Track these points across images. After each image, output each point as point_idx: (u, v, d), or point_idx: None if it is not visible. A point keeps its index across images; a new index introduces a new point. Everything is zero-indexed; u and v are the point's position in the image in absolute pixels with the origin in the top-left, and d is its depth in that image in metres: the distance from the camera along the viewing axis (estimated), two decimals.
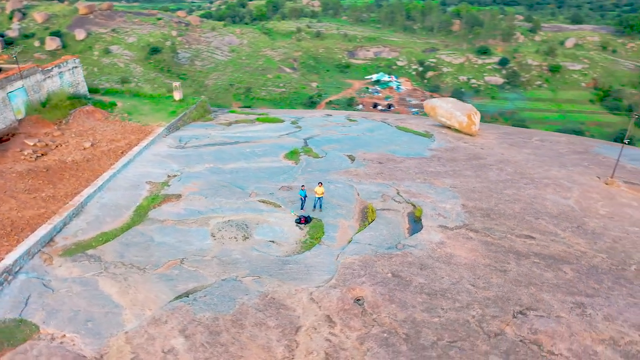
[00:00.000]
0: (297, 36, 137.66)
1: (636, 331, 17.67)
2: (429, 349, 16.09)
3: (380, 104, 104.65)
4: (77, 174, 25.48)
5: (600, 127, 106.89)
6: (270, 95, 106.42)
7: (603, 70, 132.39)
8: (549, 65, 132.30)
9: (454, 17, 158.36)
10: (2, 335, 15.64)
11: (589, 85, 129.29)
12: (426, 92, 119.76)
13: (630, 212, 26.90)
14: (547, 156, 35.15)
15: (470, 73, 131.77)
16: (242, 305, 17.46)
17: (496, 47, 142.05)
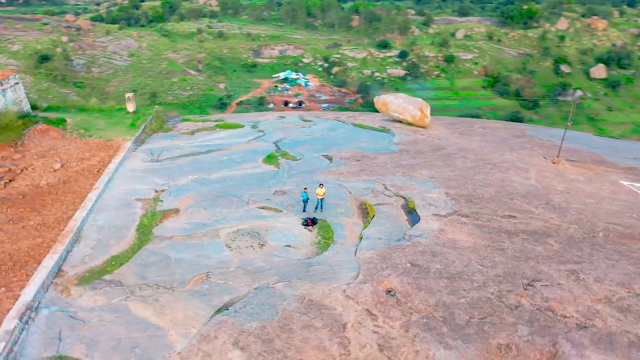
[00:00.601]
0: (198, 37, 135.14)
1: (622, 288, 20.42)
2: (466, 328, 17.58)
3: (291, 102, 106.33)
4: (60, 197, 24.03)
5: (494, 110, 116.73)
6: (177, 99, 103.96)
7: (491, 59, 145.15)
8: (444, 55, 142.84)
9: (352, 13, 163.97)
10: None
11: (480, 73, 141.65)
12: (334, 88, 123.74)
13: (581, 186, 30.48)
14: (495, 142, 38.44)
15: (374, 67, 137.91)
16: (284, 311, 17.85)
17: (395, 40, 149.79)
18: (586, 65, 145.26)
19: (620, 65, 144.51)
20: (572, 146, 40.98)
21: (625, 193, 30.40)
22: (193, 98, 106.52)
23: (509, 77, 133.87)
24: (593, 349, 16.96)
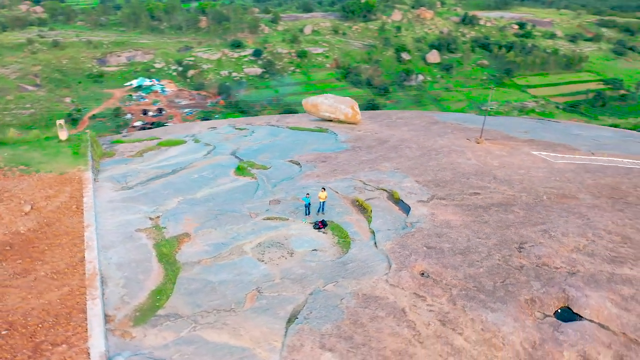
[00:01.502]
0: (29, 48, 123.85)
1: (582, 238, 25.35)
2: (496, 292, 20.77)
3: (149, 110, 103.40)
4: (54, 241, 22.17)
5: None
6: (17, 119, 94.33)
7: (340, 52, 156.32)
8: (297, 51, 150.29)
9: (199, 14, 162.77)
10: None
11: (332, 65, 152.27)
12: (192, 91, 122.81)
13: (509, 160, 35.93)
14: (420, 130, 42.86)
15: (230, 67, 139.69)
16: (348, 309, 19.33)
17: (247, 39, 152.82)
18: (422, 52, 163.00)
19: (450, 50, 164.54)
20: (474, 126, 47.21)
21: (541, 161, 36.55)
22: (36, 116, 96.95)
23: (358, 68, 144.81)
24: (588, 289, 21.20)
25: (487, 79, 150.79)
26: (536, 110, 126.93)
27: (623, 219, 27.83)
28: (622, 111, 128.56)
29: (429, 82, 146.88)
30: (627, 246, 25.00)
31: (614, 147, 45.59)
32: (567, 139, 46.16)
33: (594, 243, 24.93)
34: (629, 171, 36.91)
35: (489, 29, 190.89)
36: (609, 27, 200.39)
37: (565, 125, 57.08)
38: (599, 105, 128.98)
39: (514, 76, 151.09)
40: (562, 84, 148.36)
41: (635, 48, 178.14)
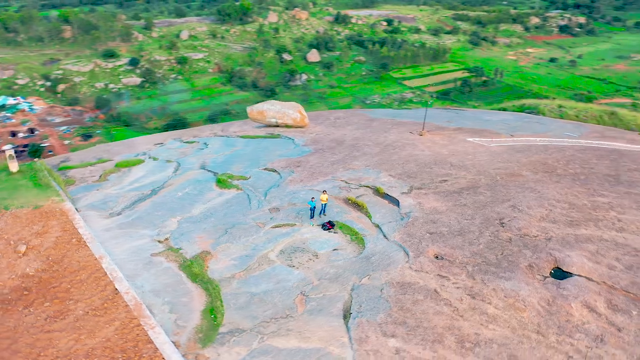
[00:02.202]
0: None
1: (542, 208, 29.68)
2: (501, 263, 23.95)
3: (19, 131, 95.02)
4: (74, 278, 21.03)
5: (239, 103, 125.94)
6: None
7: (221, 55, 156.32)
8: (176, 57, 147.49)
9: (62, 23, 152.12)
10: None
11: (215, 70, 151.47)
12: (66, 107, 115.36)
13: (454, 148, 40.01)
14: (366, 128, 45.65)
15: (106, 78, 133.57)
16: (390, 297, 21.19)
17: (120, 48, 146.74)
18: (302, 51, 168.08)
19: (328, 49, 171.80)
20: (405, 120, 51.27)
21: (479, 147, 41.19)
22: None
23: (242, 71, 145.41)
24: (566, 250, 25.26)
25: (366, 74, 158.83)
26: (414, 100, 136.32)
27: (563, 189, 32.85)
28: (486, 96, 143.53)
29: (313, 80, 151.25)
30: (575, 211, 29.76)
31: (522, 128, 52.39)
32: (484, 125, 52.00)
33: (552, 212, 29.31)
34: (545, 148, 42.99)
35: (360, 26, 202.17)
36: (464, 20, 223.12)
37: (474, 112, 63.77)
38: (466, 92, 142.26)
39: (389, 70, 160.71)
40: (432, 75, 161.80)
41: (487, 38, 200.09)
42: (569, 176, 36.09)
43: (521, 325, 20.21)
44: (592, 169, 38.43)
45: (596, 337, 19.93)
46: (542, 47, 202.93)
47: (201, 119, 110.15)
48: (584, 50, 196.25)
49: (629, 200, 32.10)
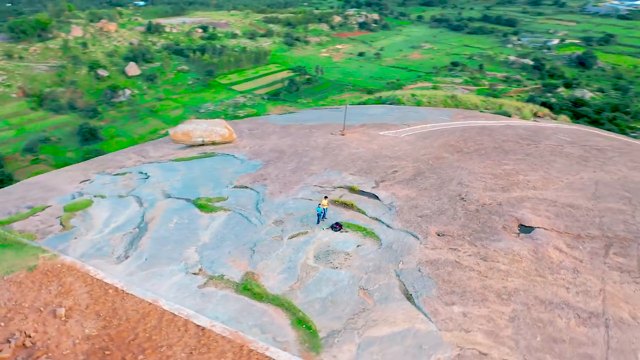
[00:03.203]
0: None
1: (479, 181, 36.23)
2: (485, 229, 29.30)
3: None
4: (144, 326, 20.12)
5: (59, 128, 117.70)
6: None
7: (23, 78, 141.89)
8: None
9: None
10: None
11: (19, 95, 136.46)
12: None
13: (379, 142, 45.01)
14: (290, 135, 48.04)
15: None
16: (430, 274, 24.87)
17: None
18: (119, 65, 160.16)
19: (146, 60, 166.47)
20: (316, 123, 54.95)
21: (395, 139, 46.89)
22: None
23: (53, 93, 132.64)
24: (518, 210, 31.81)
25: (193, 83, 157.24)
26: (247, 104, 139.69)
27: (479, 164, 40.08)
28: (312, 92, 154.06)
29: (138, 94, 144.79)
30: (499, 179, 36.93)
31: (406, 117, 59.95)
32: (376, 119, 58.24)
33: (487, 183, 35.98)
34: (441, 132, 50.68)
35: (176, 35, 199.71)
36: (275, 22, 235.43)
37: (359, 109, 70.20)
38: (294, 91, 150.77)
39: (216, 76, 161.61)
40: (258, 77, 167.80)
41: (300, 38, 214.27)
42: (474, 152, 43.71)
43: (527, 273, 25.62)
44: (483, 145, 46.89)
45: (573, 270, 26.29)
46: (348, 43, 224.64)
47: (16, 151, 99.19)
48: (384, 43, 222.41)
49: (524, 164, 40.63)
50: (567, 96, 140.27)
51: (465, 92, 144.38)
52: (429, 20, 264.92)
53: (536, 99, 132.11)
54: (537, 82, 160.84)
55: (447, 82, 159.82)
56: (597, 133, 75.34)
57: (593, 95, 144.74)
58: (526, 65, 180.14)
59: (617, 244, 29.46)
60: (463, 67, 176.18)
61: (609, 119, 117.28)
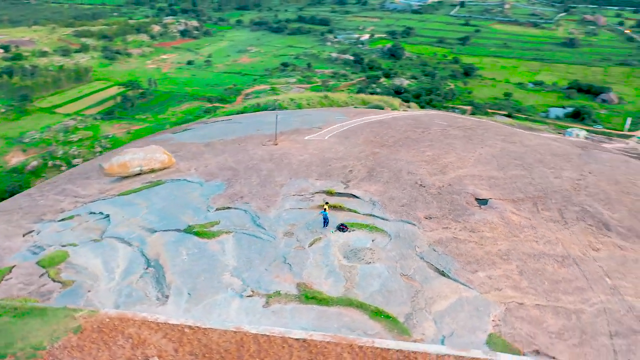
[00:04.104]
0: None
1: (418, 169, 41.82)
2: (456, 207, 34.68)
3: None
4: (261, 354, 20.80)
5: None
6: None
7: None
8: None
9: None
10: None
11: None
12: None
13: (314, 146, 48.02)
14: (224, 152, 48.10)
15: None
16: (445, 251, 29.18)
17: None
18: None
19: None
20: (233, 137, 55.51)
21: (322, 142, 50.30)
22: None
23: None
24: (468, 187, 38.00)
25: (7, 111, 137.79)
26: (79, 127, 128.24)
27: (407, 153, 45.82)
28: (149, 107, 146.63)
29: None
30: (431, 164, 43.05)
31: (310, 121, 63.57)
32: (286, 126, 60.79)
33: (426, 169, 41.76)
34: (356, 130, 55.51)
35: None
36: (87, 36, 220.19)
37: (256, 116, 71.56)
38: (130, 107, 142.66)
39: (33, 100, 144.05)
40: (84, 97, 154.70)
41: (120, 51, 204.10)
42: (395, 145, 49.44)
43: (506, 235, 31.57)
44: (395, 137, 52.99)
45: (531, 227, 33.08)
46: (173, 52, 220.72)
47: None
48: (210, 50, 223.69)
49: (436, 150, 47.55)
50: (389, 85, 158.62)
51: (301, 91, 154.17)
52: (249, 24, 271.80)
53: (365, 90, 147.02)
54: (361, 75, 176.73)
55: (282, 82, 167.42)
56: (453, 115, 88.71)
57: (409, 82, 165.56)
58: (348, 60, 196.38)
59: (539, 202, 37.27)
60: (294, 67, 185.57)
61: (427, 101, 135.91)
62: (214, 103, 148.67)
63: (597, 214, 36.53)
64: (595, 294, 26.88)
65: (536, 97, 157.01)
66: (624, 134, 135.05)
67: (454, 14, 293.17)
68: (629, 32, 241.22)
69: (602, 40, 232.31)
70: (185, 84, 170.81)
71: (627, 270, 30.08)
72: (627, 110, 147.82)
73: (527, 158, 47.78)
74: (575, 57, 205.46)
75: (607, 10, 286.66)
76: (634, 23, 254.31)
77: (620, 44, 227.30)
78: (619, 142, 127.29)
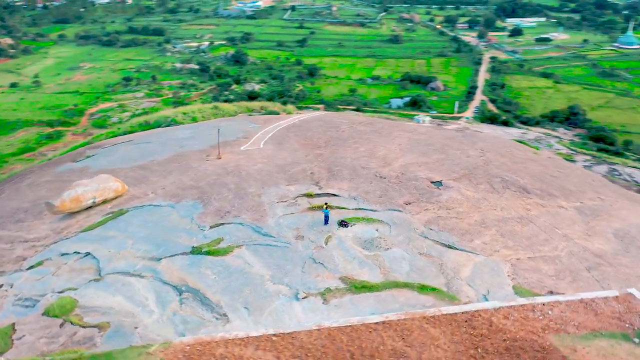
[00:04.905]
0: None
1: (361, 161, 46.14)
2: (422, 192, 39.49)
3: None
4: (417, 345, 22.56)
5: None
6: None
7: None
8: None
9: None
10: None
11: None
12: None
13: (257, 156, 49.30)
14: (179, 170, 46.63)
15: None
16: (440, 227, 33.59)
17: None
18: None
19: None
20: (165, 156, 53.78)
21: (263, 151, 51.68)
22: None
23: None
24: (418, 173, 43.21)
25: None
26: None
27: (347, 149, 49.89)
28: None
29: None
30: (373, 157, 47.74)
31: (229, 133, 63.88)
32: (209, 141, 60.37)
33: (374, 162, 46.22)
34: (282, 138, 57.74)
35: None
36: None
37: (163, 134, 68.94)
38: None
39: None
40: None
41: None
42: (330, 143, 53.21)
43: (473, 208, 37.19)
44: (322, 137, 56.62)
45: (484, 199, 39.35)
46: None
47: None
48: (35, 69, 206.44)
49: (366, 144, 52.44)
50: (241, 91, 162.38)
51: (153, 104, 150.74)
52: (74, 38, 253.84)
53: (219, 98, 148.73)
54: (210, 84, 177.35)
55: (130, 98, 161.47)
56: (342, 114, 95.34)
57: (261, 87, 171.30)
58: (194, 69, 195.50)
59: (471, 178, 44.00)
60: (138, 81, 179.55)
61: (282, 103, 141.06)
62: (57, 127, 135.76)
63: (514, 182, 44.24)
64: (558, 242, 33.53)
65: (377, 91, 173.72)
66: (454, 116, 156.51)
67: (287, 17, 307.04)
68: (440, 27, 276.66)
69: (420, 36, 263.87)
70: (14, 109, 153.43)
71: (560, 221, 37.60)
72: (452, 95, 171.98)
73: (435, 144, 55.03)
74: (402, 52, 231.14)
75: (418, 8, 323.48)
76: (442, 19, 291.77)
77: (435, 37, 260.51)
78: (454, 124, 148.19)
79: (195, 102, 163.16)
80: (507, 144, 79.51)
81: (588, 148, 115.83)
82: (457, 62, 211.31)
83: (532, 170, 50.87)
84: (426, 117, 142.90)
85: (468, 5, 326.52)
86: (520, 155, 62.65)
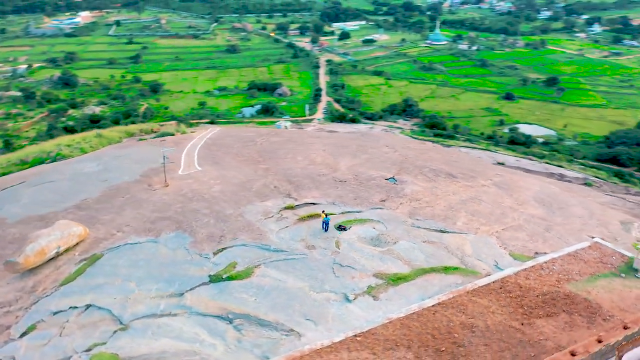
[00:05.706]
0: None
1: (319, 169, 48.92)
2: (390, 188, 43.43)
3: None
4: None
5: None
6: None
7: None
8: None
9: None
10: None
11: None
12: None
13: (206, 179, 48.50)
14: (134, 204, 43.40)
15: None
16: (433, 217, 37.74)
17: None
18: None
19: None
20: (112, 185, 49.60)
21: (208, 174, 50.85)
22: None
23: None
24: (369, 172, 47.22)
25: None
26: None
27: (292, 160, 51.94)
28: None
29: None
30: (322, 165, 50.65)
31: (151, 159, 60.77)
32: (139, 169, 56.84)
33: (322, 169, 49.09)
34: (217, 159, 57.11)
35: None
36: None
37: (76, 163, 62.39)
38: None
39: None
40: None
41: None
42: (266, 156, 54.38)
43: (433, 197, 42.21)
44: (249, 152, 57.52)
45: (434, 187, 44.85)
46: None
47: None
48: None
49: (302, 153, 55.01)
50: (80, 116, 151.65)
51: None
52: None
53: (56, 126, 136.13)
54: (42, 111, 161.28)
55: None
56: (246, 127, 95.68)
57: (102, 109, 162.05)
58: (16, 97, 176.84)
59: (409, 172, 49.47)
60: None
61: (129, 124, 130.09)
62: None
63: (439, 170, 50.77)
64: (511, 212, 40.10)
65: (226, 102, 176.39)
66: (307, 119, 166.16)
67: (112, 33, 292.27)
68: (273, 35, 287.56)
69: (256, 44, 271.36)
70: None
71: (495, 197, 44.59)
72: (300, 99, 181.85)
73: (348, 146, 59.95)
74: (242, 61, 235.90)
75: (248, 17, 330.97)
76: (274, 27, 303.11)
77: (271, 45, 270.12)
78: (311, 125, 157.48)
79: (27, 131, 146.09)
80: (402, 139, 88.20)
81: (426, 134, 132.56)
82: (296, 68, 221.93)
83: (437, 158, 58.43)
84: (287, 122, 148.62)
85: (294, 12, 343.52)
86: (418, 147, 70.72)
